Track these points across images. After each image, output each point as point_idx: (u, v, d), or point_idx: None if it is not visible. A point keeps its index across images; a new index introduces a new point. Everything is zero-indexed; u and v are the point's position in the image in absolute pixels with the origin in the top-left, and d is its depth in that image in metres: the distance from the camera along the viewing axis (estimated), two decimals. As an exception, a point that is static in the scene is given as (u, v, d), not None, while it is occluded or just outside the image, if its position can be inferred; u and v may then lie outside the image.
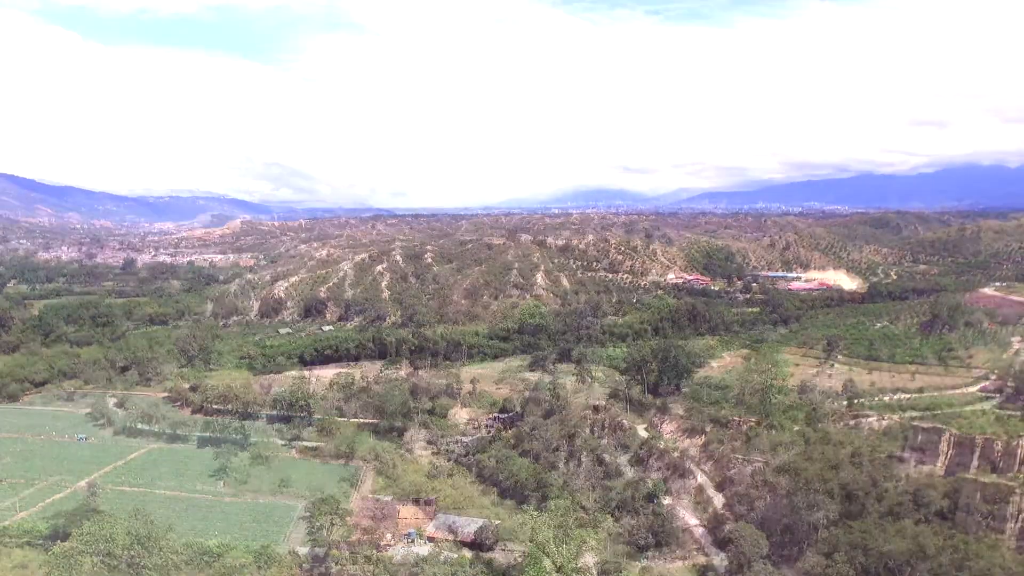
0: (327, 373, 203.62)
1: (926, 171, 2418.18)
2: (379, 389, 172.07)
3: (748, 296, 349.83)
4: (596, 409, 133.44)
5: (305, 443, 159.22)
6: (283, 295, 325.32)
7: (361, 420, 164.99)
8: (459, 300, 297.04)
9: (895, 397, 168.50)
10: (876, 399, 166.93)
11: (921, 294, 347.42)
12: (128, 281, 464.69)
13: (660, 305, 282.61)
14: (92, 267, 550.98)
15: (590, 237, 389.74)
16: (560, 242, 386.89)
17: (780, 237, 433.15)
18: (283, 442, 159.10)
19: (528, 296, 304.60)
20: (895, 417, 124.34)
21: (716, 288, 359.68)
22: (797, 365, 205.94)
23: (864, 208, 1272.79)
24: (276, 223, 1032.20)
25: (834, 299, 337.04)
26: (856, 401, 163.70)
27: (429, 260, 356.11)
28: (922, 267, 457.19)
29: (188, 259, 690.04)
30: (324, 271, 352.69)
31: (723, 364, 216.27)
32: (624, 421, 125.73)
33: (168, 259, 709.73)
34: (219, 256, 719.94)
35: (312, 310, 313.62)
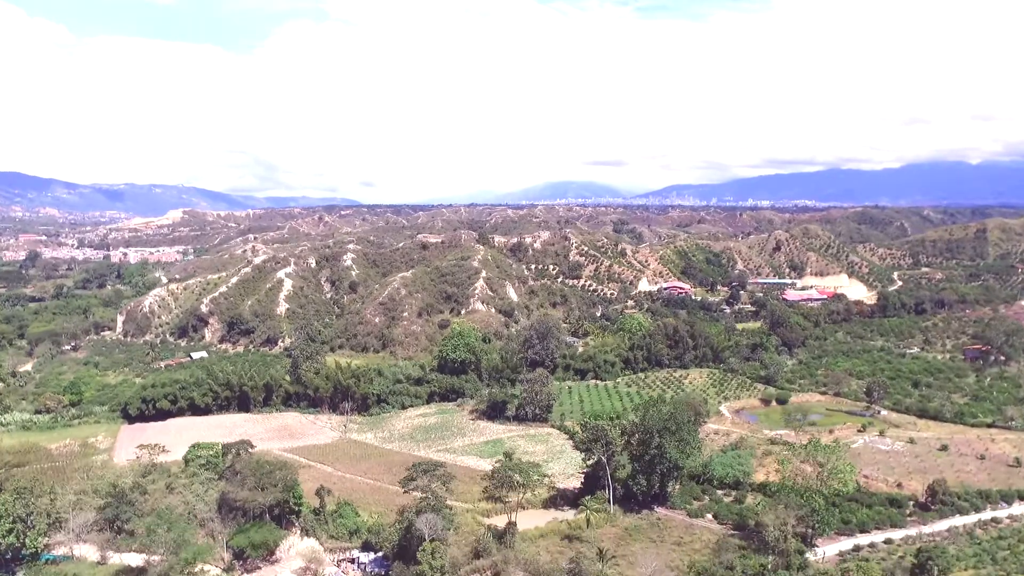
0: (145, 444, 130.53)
1: (892, 166, 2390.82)
2: (159, 504, 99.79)
3: (737, 308, 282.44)
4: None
5: (128, 559, 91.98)
6: (156, 307, 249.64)
7: (130, 561, 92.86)
8: (372, 319, 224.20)
9: (1015, 515, 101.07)
10: (982, 515, 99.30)
11: (942, 306, 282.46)
12: (13, 281, 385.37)
13: (632, 326, 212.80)
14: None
15: (546, 235, 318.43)
16: (512, 240, 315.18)
17: (770, 235, 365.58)
18: (97, 559, 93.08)
19: (463, 311, 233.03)
20: None
21: (698, 297, 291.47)
22: (831, 431, 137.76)
23: (833, 203, 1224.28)
24: (222, 213, 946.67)
25: (841, 312, 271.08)
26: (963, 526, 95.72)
27: (348, 263, 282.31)
28: (925, 269, 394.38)
29: (106, 254, 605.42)
30: (218, 275, 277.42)
31: (724, 428, 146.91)
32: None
33: (89, 253, 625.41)
34: (150, 250, 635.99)
35: (188, 328, 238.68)
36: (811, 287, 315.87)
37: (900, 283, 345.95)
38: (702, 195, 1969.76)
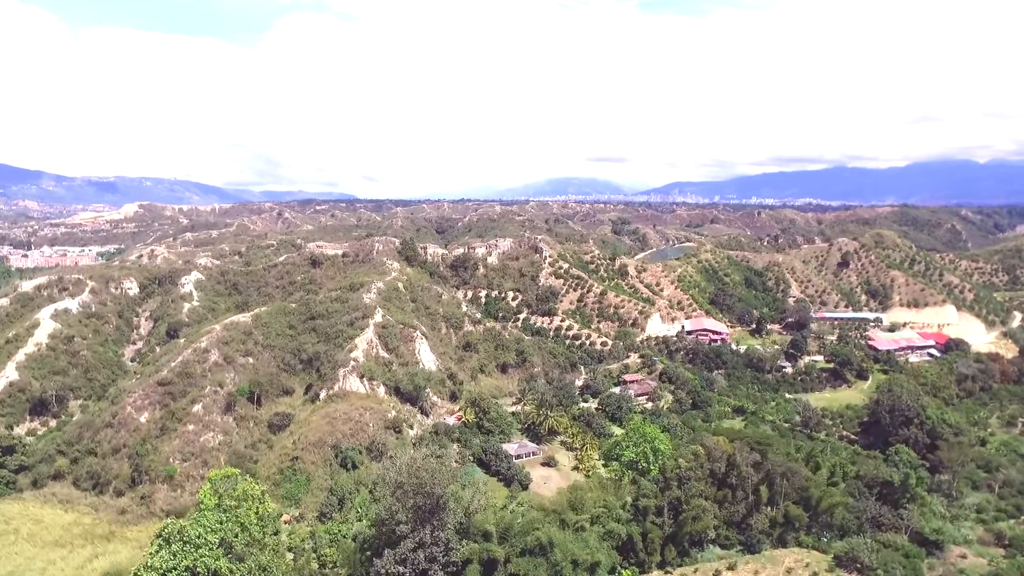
0: None
1: (898, 165, 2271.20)
2: None
3: (803, 363, 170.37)
4: None
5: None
6: None
7: None
8: (135, 416, 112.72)
9: None
10: None
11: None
12: None
13: (637, 455, 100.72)
14: None
15: (506, 244, 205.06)
16: (455, 252, 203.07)
17: (832, 245, 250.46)
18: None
19: (323, 394, 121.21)
20: None
21: (741, 346, 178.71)
22: None
23: (841, 202, 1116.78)
24: (185, 208, 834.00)
25: (976, 377, 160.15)
26: None
27: (187, 289, 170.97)
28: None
29: (21, 254, 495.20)
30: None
31: None
32: None
33: (6, 253, 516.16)
34: (70, 251, 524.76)
35: None
36: (904, 324, 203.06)
37: (1020, 315, 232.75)
38: (705, 192, 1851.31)
